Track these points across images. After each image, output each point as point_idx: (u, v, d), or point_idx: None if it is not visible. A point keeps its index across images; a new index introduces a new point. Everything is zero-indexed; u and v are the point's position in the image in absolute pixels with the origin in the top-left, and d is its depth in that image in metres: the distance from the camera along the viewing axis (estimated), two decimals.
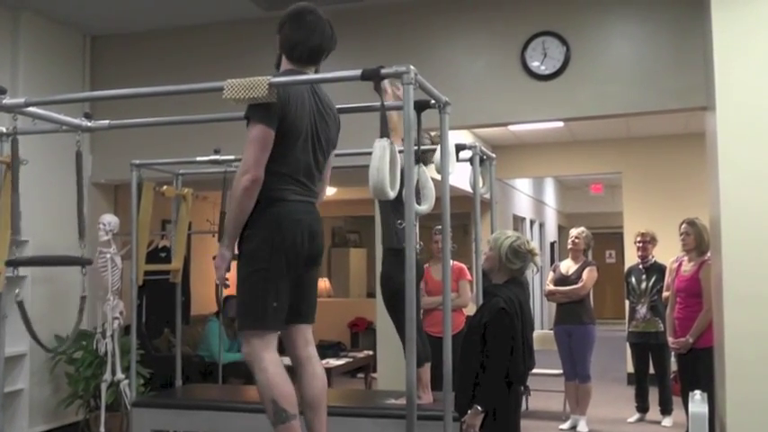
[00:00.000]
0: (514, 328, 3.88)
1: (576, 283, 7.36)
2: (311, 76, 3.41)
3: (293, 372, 3.49)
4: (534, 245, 4.19)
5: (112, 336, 6.38)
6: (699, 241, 6.21)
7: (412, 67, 3.05)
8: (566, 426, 7.48)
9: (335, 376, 8.35)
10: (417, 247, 3.99)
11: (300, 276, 3.39)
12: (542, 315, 13.49)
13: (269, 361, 3.25)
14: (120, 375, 6.36)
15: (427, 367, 4.74)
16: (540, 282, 14.29)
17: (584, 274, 7.37)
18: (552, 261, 16.06)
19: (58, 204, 6.49)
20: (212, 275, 3.62)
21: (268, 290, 3.24)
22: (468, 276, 6.79)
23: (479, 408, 3.83)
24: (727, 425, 5.25)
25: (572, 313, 7.37)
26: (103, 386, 6.37)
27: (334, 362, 8.34)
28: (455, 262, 6.67)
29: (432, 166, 4.14)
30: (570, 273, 7.48)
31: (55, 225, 6.54)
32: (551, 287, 7.55)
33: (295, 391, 3.29)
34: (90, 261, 4.30)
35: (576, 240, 7.57)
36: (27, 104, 3.83)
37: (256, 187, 3.19)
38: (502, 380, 3.88)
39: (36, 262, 5.83)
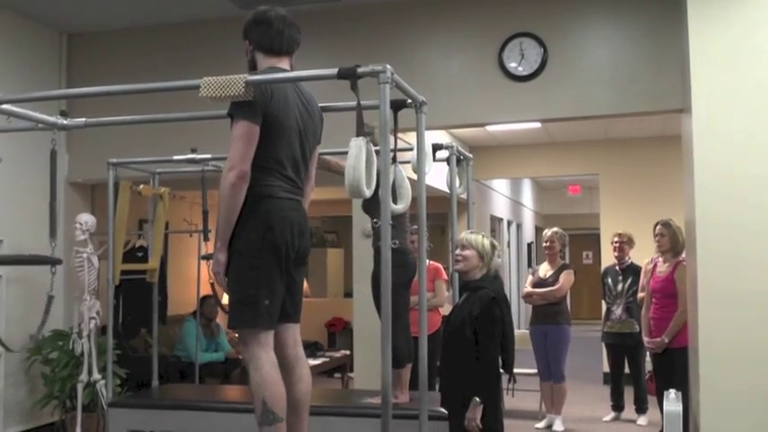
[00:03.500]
0: (504, 317, 3.93)
1: (553, 285, 7.39)
2: (288, 74, 3.40)
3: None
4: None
5: (89, 336, 6.34)
6: (674, 242, 6.25)
7: (388, 66, 3.06)
8: (541, 425, 7.52)
9: (312, 376, 8.29)
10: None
11: (290, 275, 3.39)
12: (519, 315, 13.53)
13: (264, 360, 3.24)
14: (96, 376, 6.32)
15: (408, 368, 4.76)
16: (517, 283, 14.35)
17: (561, 277, 7.40)
18: (529, 262, 16.12)
19: (34, 204, 6.43)
20: (190, 275, 3.63)
21: (260, 288, 3.23)
22: (445, 276, 6.80)
23: (478, 399, 3.86)
24: (700, 423, 5.29)
25: (548, 314, 7.40)
26: (80, 386, 6.33)
27: (311, 361, 8.32)
28: (432, 262, 6.69)
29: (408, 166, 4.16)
30: (548, 276, 7.49)
31: (30, 225, 6.48)
32: (529, 289, 7.58)
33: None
34: (59, 260, 4.26)
35: (551, 243, 7.58)
36: (1, 102, 3.81)
37: (243, 183, 3.18)
38: (497, 369, 3.92)
39: (4, 261, 5.78)
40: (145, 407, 5.30)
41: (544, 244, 7.69)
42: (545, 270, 7.58)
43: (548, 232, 7.69)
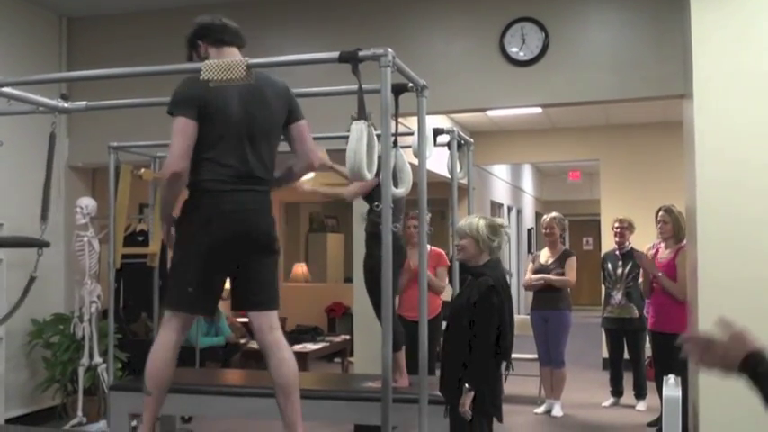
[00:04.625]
0: (502, 305, 3.92)
1: (556, 271, 7.38)
2: (289, 57, 3.41)
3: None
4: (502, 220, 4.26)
5: (90, 320, 6.36)
6: (676, 229, 6.26)
7: (390, 49, 3.06)
8: (540, 410, 7.53)
9: (312, 360, 8.37)
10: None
11: (246, 266, 3.44)
12: (519, 300, 13.55)
13: (164, 341, 3.47)
14: (97, 359, 6.35)
15: (403, 351, 4.77)
16: (517, 268, 14.36)
17: (567, 266, 7.39)
18: (529, 247, 16.13)
19: (35, 188, 6.41)
20: None
21: (186, 276, 3.41)
22: (446, 262, 6.80)
23: (468, 386, 3.86)
24: (699, 408, 5.31)
25: (550, 299, 7.38)
26: (81, 370, 6.36)
27: (311, 346, 8.36)
28: (434, 248, 6.70)
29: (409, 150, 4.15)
30: (549, 262, 7.47)
31: (31, 209, 6.46)
32: (535, 276, 7.50)
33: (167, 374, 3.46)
34: (47, 243, 4.25)
35: (550, 229, 7.58)
36: (2, 85, 3.81)
37: (178, 180, 3.34)
38: (492, 357, 3.92)
39: None
40: None
41: (544, 230, 7.68)
42: (546, 256, 7.56)
43: (546, 218, 7.68)
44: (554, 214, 7.68)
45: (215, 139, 3.35)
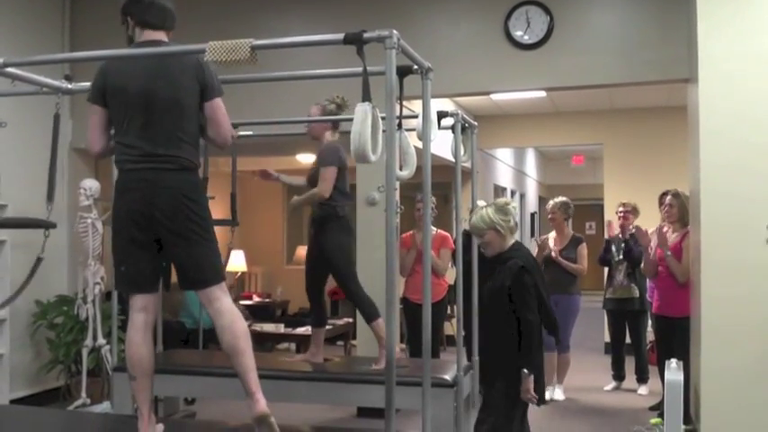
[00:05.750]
0: (536, 283, 3.95)
1: (569, 257, 7.38)
2: (294, 39, 3.39)
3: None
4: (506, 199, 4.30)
5: (93, 301, 6.38)
6: (683, 213, 6.26)
7: (395, 31, 3.04)
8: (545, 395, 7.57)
9: None
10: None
11: (166, 246, 3.49)
12: None
13: (131, 323, 3.55)
14: (101, 341, 6.36)
15: (380, 323, 4.99)
16: None
17: (579, 255, 7.41)
18: (532, 231, 16.12)
19: (39, 169, 6.40)
20: None
21: (117, 255, 3.54)
22: (451, 245, 6.81)
23: (526, 371, 3.91)
24: (701, 393, 5.32)
25: (560, 283, 7.28)
26: (85, 351, 6.38)
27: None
28: (439, 230, 6.69)
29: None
30: (560, 248, 7.48)
31: (34, 190, 6.45)
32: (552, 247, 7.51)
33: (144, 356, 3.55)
34: (53, 224, 4.25)
35: (553, 215, 7.57)
36: (6, 65, 3.79)
37: (98, 154, 3.67)
38: (540, 337, 3.97)
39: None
40: None
41: (549, 215, 7.68)
42: (554, 240, 7.54)
43: (550, 203, 7.68)
44: (559, 199, 7.64)
45: (120, 121, 3.47)
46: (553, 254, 7.39)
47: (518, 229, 4.18)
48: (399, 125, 3.55)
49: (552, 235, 7.64)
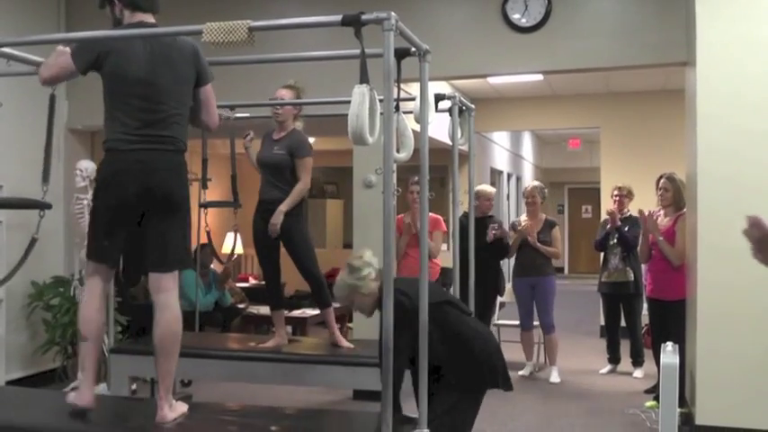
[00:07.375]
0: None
1: (543, 242, 7.50)
2: (292, 20, 3.38)
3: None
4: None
5: None
6: (677, 197, 6.26)
7: (393, 13, 3.03)
8: (525, 372, 7.65)
9: (311, 326, 8.41)
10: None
11: (146, 224, 3.55)
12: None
13: (86, 287, 3.71)
14: None
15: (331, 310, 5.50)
16: None
17: (553, 238, 7.56)
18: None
19: (34, 149, 6.36)
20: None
21: (97, 230, 3.60)
22: (444, 228, 6.82)
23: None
24: (696, 376, 5.34)
25: (536, 266, 7.54)
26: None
27: (309, 312, 8.37)
28: (431, 213, 6.69)
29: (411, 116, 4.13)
30: (536, 232, 7.56)
31: (30, 170, 6.42)
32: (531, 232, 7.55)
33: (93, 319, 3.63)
34: (49, 205, 4.25)
35: (532, 198, 7.68)
36: (1, 45, 3.78)
37: (44, 84, 3.79)
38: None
39: None
40: (145, 353, 5.28)
41: (525, 199, 7.74)
42: (527, 224, 7.59)
43: (528, 187, 7.75)
44: (536, 183, 7.77)
45: (119, 98, 3.48)
46: (530, 238, 7.48)
47: (377, 270, 3.90)
48: (397, 107, 3.54)
49: (524, 218, 7.73)
